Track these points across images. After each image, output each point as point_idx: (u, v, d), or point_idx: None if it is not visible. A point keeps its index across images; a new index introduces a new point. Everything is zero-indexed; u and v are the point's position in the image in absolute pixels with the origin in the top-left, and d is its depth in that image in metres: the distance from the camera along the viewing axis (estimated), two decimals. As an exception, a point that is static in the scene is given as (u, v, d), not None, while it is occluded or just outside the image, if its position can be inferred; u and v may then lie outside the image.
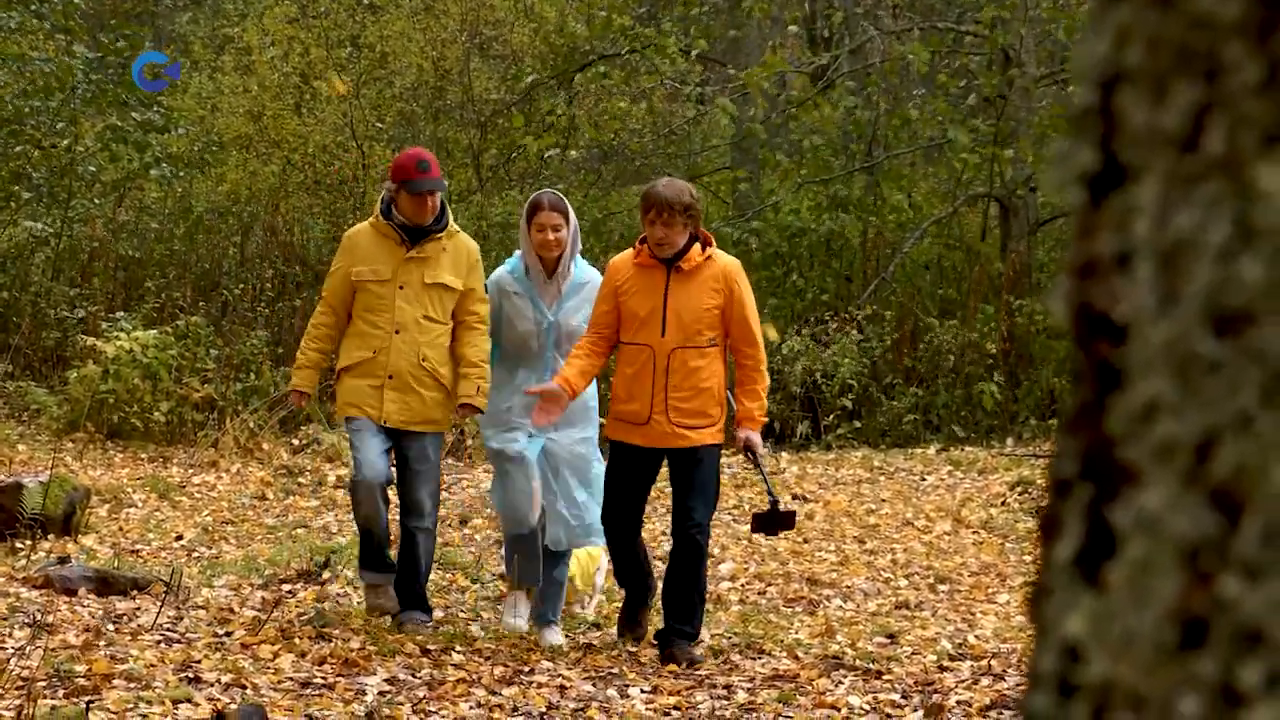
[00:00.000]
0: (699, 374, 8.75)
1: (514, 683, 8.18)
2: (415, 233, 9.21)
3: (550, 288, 9.29)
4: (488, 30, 24.23)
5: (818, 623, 9.86)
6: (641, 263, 8.88)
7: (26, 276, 21.52)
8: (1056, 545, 0.98)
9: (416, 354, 9.12)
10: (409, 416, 9.15)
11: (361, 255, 9.27)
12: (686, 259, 8.77)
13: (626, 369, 8.90)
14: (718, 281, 8.78)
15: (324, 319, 9.40)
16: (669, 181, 9.09)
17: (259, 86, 24.22)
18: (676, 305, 8.74)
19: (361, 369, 9.18)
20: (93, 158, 21.66)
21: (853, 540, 12.56)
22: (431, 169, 9.22)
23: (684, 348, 8.73)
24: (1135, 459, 0.95)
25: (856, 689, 8.30)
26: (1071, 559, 0.97)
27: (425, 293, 9.16)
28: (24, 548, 10.97)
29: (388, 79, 24.12)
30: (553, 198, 9.36)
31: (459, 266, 9.25)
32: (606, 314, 8.91)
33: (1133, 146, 0.95)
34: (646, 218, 8.82)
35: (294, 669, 8.18)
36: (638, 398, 8.79)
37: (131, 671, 7.82)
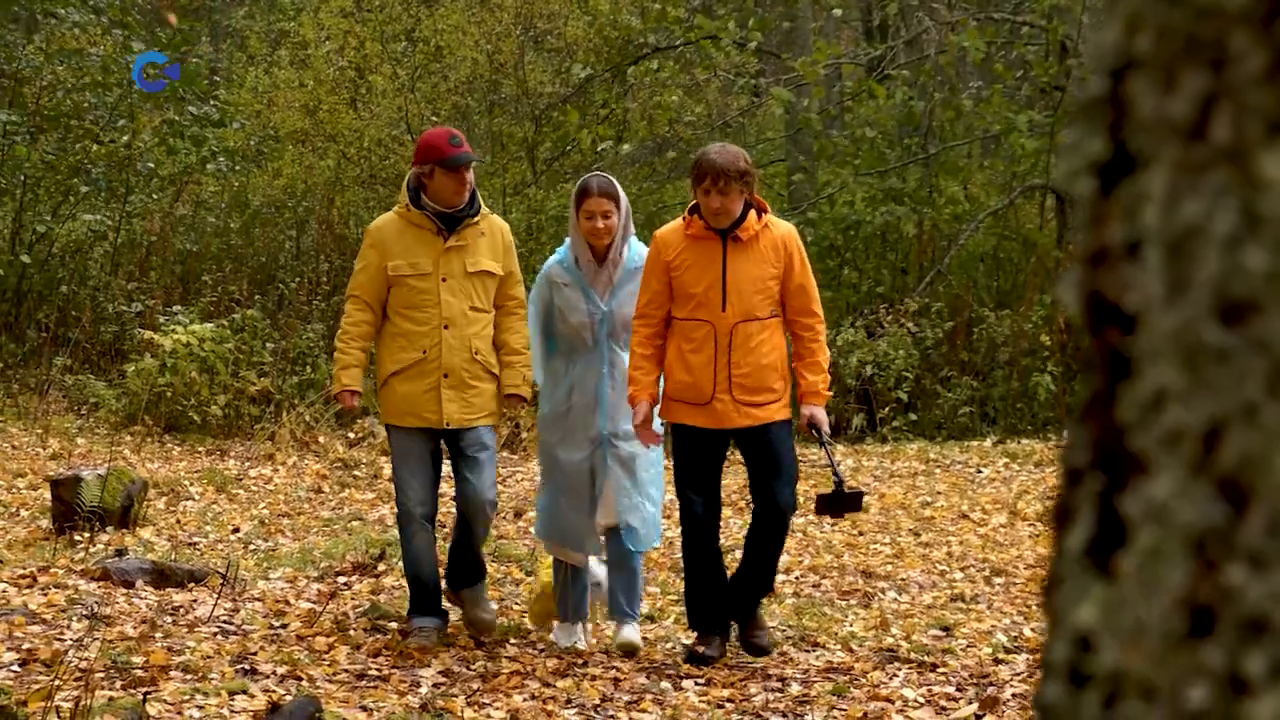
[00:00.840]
0: (761, 348, 8.32)
1: (568, 675, 8.19)
2: (451, 220, 8.67)
3: (602, 276, 8.77)
4: (542, 23, 24.24)
5: (872, 615, 9.83)
6: (694, 234, 8.39)
7: (85, 271, 21.66)
8: (1068, 534, 0.98)
9: (468, 348, 8.62)
10: (471, 413, 8.65)
11: (394, 248, 8.68)
12: (744, 228, 8.33)
13: (683, 345, 8.38)
14: (777, 250, 8.36)
15: (363, 315, 8.76)
16: (721, 147, 8.50)
17: (314, 81, 24.31)
18: (736, 277, 8.30)
19: (413, 371, 8.63)
20: (150, 152, 21.77)
21: (908, 533, 12.53)
22: (463, 143, 8.69)
23: (745, 321, 8.29)
24: (1145, 448, 0.94)
25: (911, 682, 8.28)
26: (1083, 548, 0.97)
27: (469, 282, 8.65)
28: (82, 540, 11.03)
29: (442, 73, 24.15)
30: (601, 181, 8.83)
31: (496, 250, 8.78)
32: (659, 293, 8.43)
33: (1142, 135, 0.95)
34: (700, 187, 8.29)
35: (349, 661, 8.22)
36: (698, 377, 8.32)
37: (188, 663, 7.87)
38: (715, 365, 8.29)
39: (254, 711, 7.16)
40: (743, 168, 8.24)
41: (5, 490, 13.30)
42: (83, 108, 21.95)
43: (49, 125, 21.96)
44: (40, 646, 8.04)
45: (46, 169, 21.53)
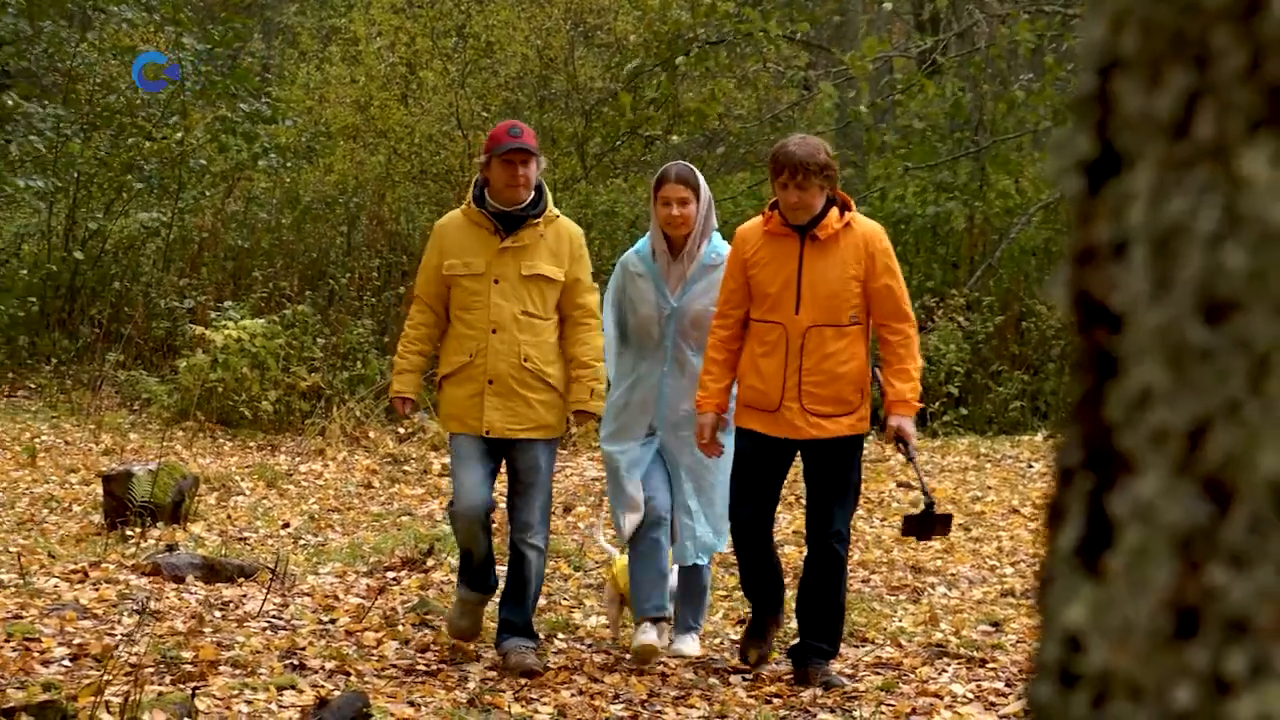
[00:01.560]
0: (837, 356, 7.79)
1: (615, 670, 8.20)
2: (509, 220, 8.24)
3: (675, 270, 8.39)
4: (592, 18, 24.27)
5: (921, 611, 9.81)
6: (772, 230, 7.91)
7: (138, 267, 21.78)
8: (1059, 534, 0.98)
9: (517, 354, 8.17)
10: (515, 424, 8.19)
11: (452, 247, 8.32)
12: (822, 225, 7.79)
13: (756, 348, 7.91)
14: (858, 250, 7.79)
15: (422, 317, 8.45)
16: (801, 139, 8.00)
17: (366, 77, 24.38)
18: (812, 278, 7.77)
19: (460, 375, 8.28)
20: (202, 149, 21.86)
21: (958, 528, 12.48)
22: (524, 134, 8.24)
23: (821, 326, 7.76)
24: (1131, 447, 0.94)
25: (960, 677, 8.26)
26: (1073, 548, 0.96)
27: (523, 286, 8.19)
28: (134, 535, 11.09)
29: (493, 68, 24.20)
30: (680, 169, 8.44)
31: (559, 254, 8.26)
32: (735, 292, 7.97)
33: (1127, 132, 0.95)
34: (778, 180, 7.79)
35: (397, 656, 8.24)
36: (767, 381, 7.85)
37: (237, 658, 7.91)
38: (785, 370, 7.83)
39: (302, 706, 7.19)
40: (823, 160, 7.76)
41: (58, 485, 13.38)
42: (135, 105, 22.06)
43: (102, 122, 22.09)
44: (91, 641, 8.09)
45: (99, 166, 21.66)
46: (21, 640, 8.10)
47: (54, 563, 10.07)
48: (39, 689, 7.17)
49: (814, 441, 7.91)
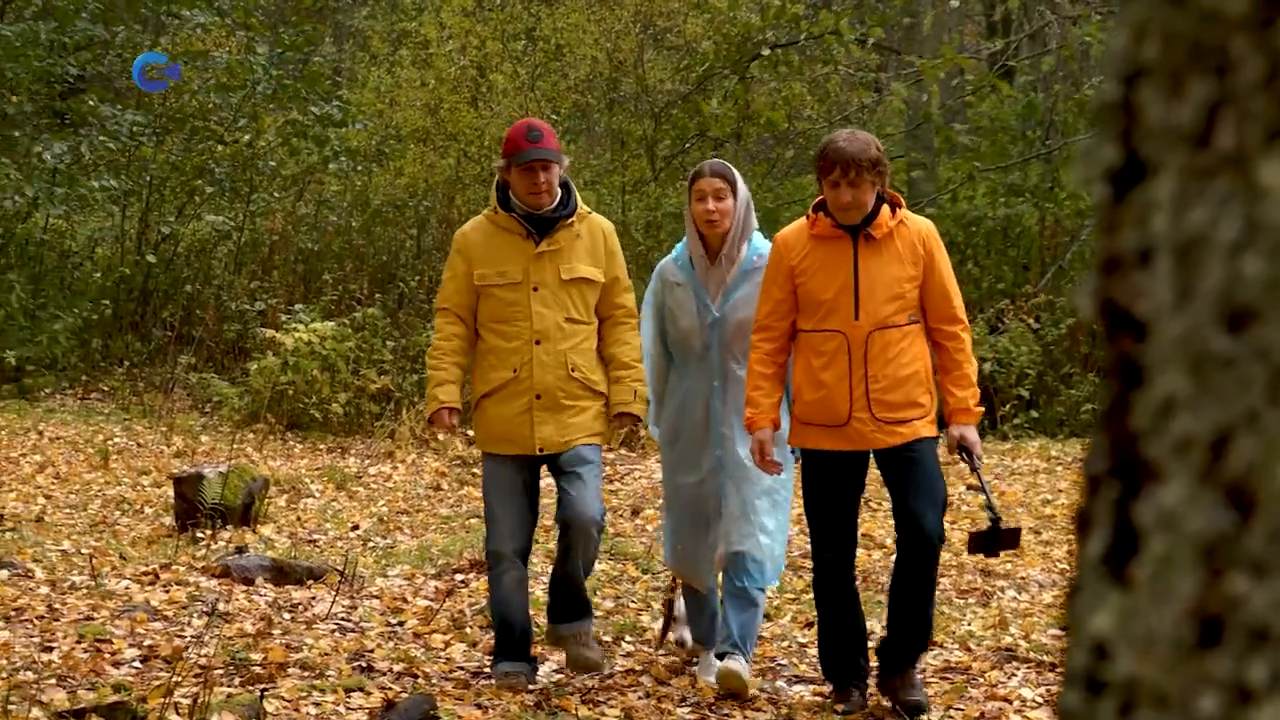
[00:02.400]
0: (901, 357, 7.31)
1: (682, 673, 8.19)
2: (542, 223, 7.73)
3: (715, 274, 7.81)
4: (661, 21, 24.28)
5: (991, 614, 9.76)
6: (820, 234, 7.39)
7: (209, 270, 21.92)
8: (1087, 542, 0.98)
9: (564, 364, 7.70)
10: (568, 436, 7.73)
11: (482, 255, 7.77)
12: (876, 224, 7.32)
13: (812, 360, 7.37)
14: (913, 248, 7.35)
15: (454, 329, 7.87)
16: (851, 134, 7.41)
17: (436, 80, 24.45)
18: (869, 280, 7.29)
19: (504, 392, 7.73)
20: (273, 152, 21.99)
21: (1028, 531, 12.42)
22: (544, 138, 7.65)
23: (882, 329, 7.28)
24: (1156, 455, 0.94)
25: (1029, 681, 8.21)
26: (1100, 556, 0.96)
27: (564, 291, 7.72)
28: (204, 537, 11.16)
29: (563, 71, 24.24)
30: (716, 164, 7.92)
31: (596, 254, 7.82)
32: (781, 303, 7.42)
33: (1151, 142, 0.95)
34: (828, 179, 7.25)
35: (465, 658, 8.26)
36: (832, 395, 7.31)
37: (306, 660, 7.94)
38: (851, 380, 7.29)
39: (370, 708, 7.22)
40: (875, 156, 7.26)
41: (130, 487, 13.47)
42: (207, 109, 22.21)
43: (174, 126, 22.24)
44: (161, 643, 8.14)
45: (172, 170, 21.81)
46: (93, 641, 8.16)
47: (125, 564, 10.14)
48: (109, 690, 7.23)
49: (890, 450, 7.38)
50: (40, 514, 12.24)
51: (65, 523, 11.93)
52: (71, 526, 11.70)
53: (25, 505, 12.62)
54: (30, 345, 19.68)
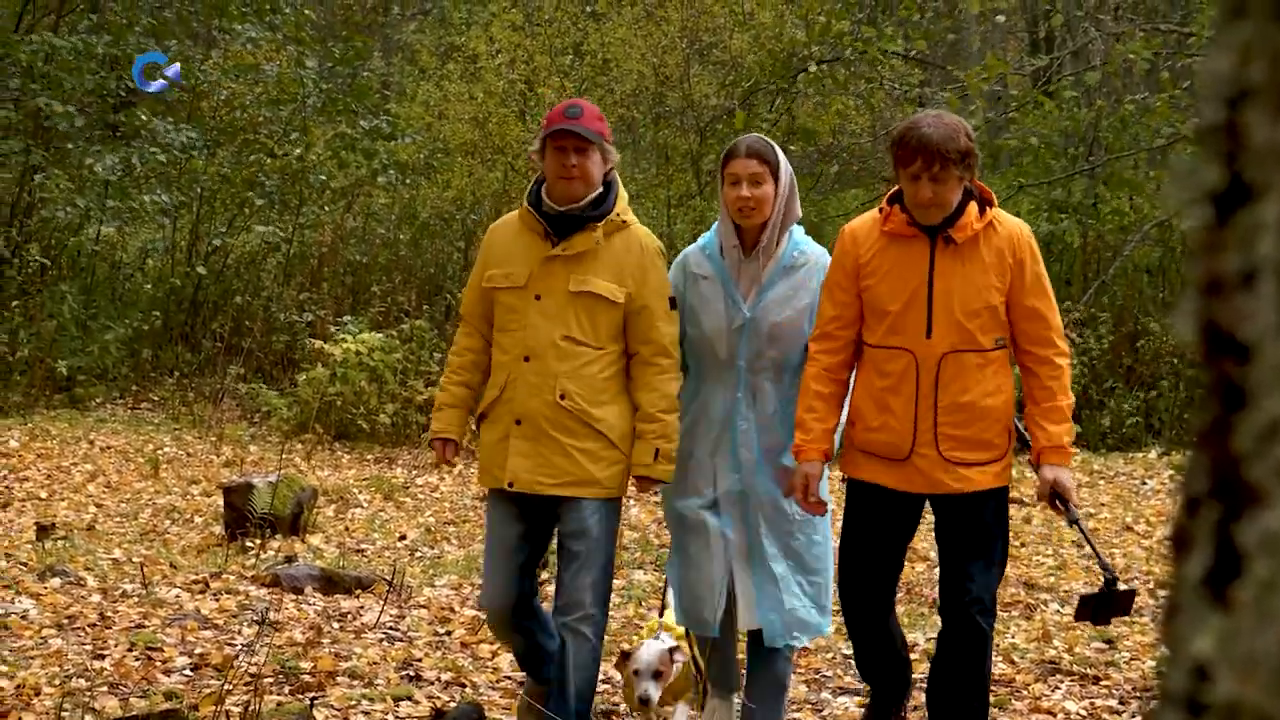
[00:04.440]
0: (980, 388, 6.08)
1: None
2: (565, 223, 6.48)
3: (749, 269, 6.49)
4: (707, 37, 24.28)
5: (1034, 627, 9.72)
6: (894, 231, 6.16)
7: (258, 282, 21.99)
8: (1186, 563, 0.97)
9: (552, 389, 6.41)
10: (547, 475, 6.43)
11: (498, 255, 6.64)
12: (960, 225, 6.06)
13: (876, 382, 6.20)
14: (1002, 256, 6.07)
15: (467, 341, 6.75)
16: (937, 117, 6.07)
17: (484, 94, 24.49)
18: (947, 291, 6.05)
19: (492, 414, 6.58)
20: (322, 165, 22.07)
21: (1071, 545, 12.38)
22: (584, 115, 6.43)
23: (960, 351, 6.06)
24: (1260, 478, 0.93)
25: (1073, 694, 8.19)
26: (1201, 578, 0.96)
27: (569, 304, 6.44)
28: (254, 546, 11.19)
29: (609, 85, 24.26)
30: (754, 141, 6.54)
31: (623, 270, 6.46)
32: (846, 307, 6.23)
33: (1257, 164, 0.94)
34: (907, 170, 6.00)
35: (511, 668, 8.25)
36: (895, 424, 6.14)
37: (354, 669, 7.95)
38: (918, 410, 6.10)
39: (418, 717, 7.24)
40: (965, 146, 6.00)
41: (180, 497, 13.51)
42: (258, 122, 22.30)
43: (225, 139, 22.33)
44: (212, 651, 8.16)
45: (223, 182, 21.90)
46: (144, 649, 8.19)
47: (176, 573, 10.17)
48: (161, 698, 7.25)
49: (952, 497, 6.20)
50: (91, 523, 12.29)
51: (116, 531, 11.97)
52: (122, 535, 11.74)
53: (77, 514, 12.67)
54: (82, 355, 19.77)
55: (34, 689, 7.50)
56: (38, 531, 11.62)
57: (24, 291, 20.25)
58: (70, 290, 20.63)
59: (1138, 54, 19.15)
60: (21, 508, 12.99)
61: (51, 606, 9.13)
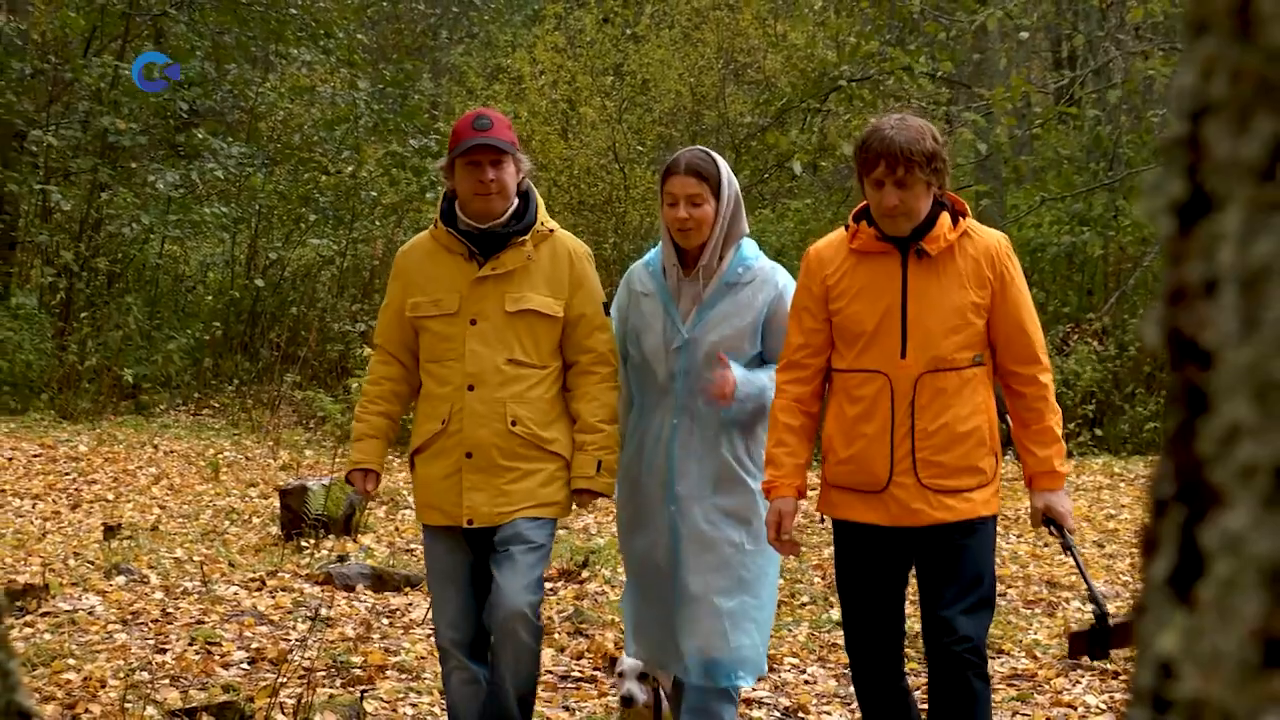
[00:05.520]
0: (960, 408, 5.37)
1: (763, 678, 8.16)
2: (489, 240, 5.82)
3: (689, 289, 5.90)
4: (742, 57, 24.31)
5: (1056, 624, 9.68)
6: (862, 248, 5.43)
7: (313, 293, 22.08)
8: (1153, 564, 0.96)
9: (503, 416, 5.78)
10: (503, 506, 5.80)
11: (418, 280, 5.95)
12: (932, 237, 5.36)
13: (847, 408, 5.45)
14: (979, 268, 5.39)
15: (385, 370, 6.04)
16: (900, 119, 5.33)
17: (528, 113, 24.54)
18: (921, 307, 5.35)
19: (433, 449, 5.89)
20: (374, 182, 22.14)
21: (1092, 545, 12.34)
22: (494, 126, 5.77)
23: (937, 371, 5.34)
24: (1221, 481, 0.92)
25: (1093, 689, 8.15)
26: (1165, 578, 0.95)
27: (508, 326, 5.81)
28: (308, 546, 11.21)
29: (648, 104, 24.29)
30: (694, 156, 5.87)
31: (557, 282, 5.88)
32: (814, 333, 5.52)
33: (1217, 176, 0.93)
34: (870, 176, 5.31)
35: (553, 663, 8.25)
36: (869, 453, 5.39)
37: (403, 663, 7.96)
38: (893, 436, 5.36)
39: (463, 709, 7.23)
40: (930, 148, 5.29)
41: (239, 499, 13.55)
42: (312, 141, 22.38)
43: (282, 158, 22.43)
44: (268, 646, 8.19)
45: (279, 199, 22.00)
46: (204, 644, 8.22)
47: (234, 571, 10.20)
48: (219, 690, 7.28)
49: (935, 529, 5.39)
50: (155, 523, 12.33)
51: (178, 531, 12.01)
52: (184, 535, 11.78)
53: (141, 515, 12.72)
54: (146, 364, 19.86)
55: (100, 681, 7.54)
56: (105, 531, 11.67)
57: (92, 303, 20.37)
58: (135, 302, 20.74)
59: (1158, 72, 19.09)
60: (90, 509, 13.05)
61: (117, 603, 9.17)
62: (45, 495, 13.62)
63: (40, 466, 15.00)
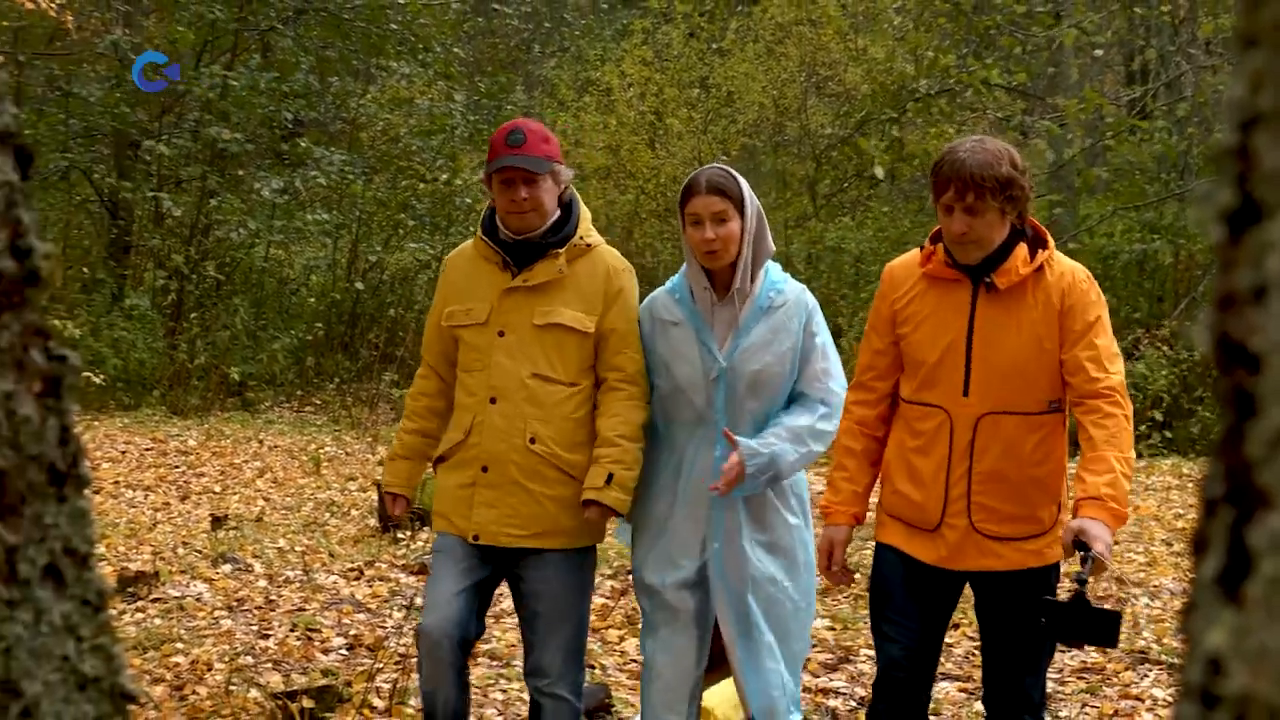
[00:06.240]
0: (1024, 456, 4.83)
1: (838, 669, 8.13)
2: (524, 250, 5.41)
3: (724, 314, 5.41)
4: (823, 71, 24.24)
5: (1125, 619, 9.60)
6: (933, 273, 4.95)
7: (411, 295, 22.16)
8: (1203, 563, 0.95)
9: (521, 432, 5.32)
10: (515, 527, 5.32)
11: (457, 289, 5.55)
12: (1004, 270, 4.82)
13: (907, 439, 5.01)
14: (1052, 304, 4.82)
15: (422, 384, 5.68)
16: (978, 142, 4.83)
17: (617, 123, 24.57)
18: (987, 344, 4.83)
19: (453, 460, 5.45)
20: (469, 190, 22.21)
21: (1160, 543, 12.23)
22: (528, 141, 5.32)
23: (1000, 413, 4.83)
24: (1269, 483, 0.91)
25: (1160, 682, 8.07)
26: (1215, 576, 0.94)
27: (535, 339, 5.37)
28: (404, 538, 11.25)
29: (732, 116, 24.28)
30: (714, 174, 5.35)
31: (591, 297, 5.42)
32: (880, 355, 5.11)
33: (1266, 185, 0.92)
34: (940, 200, 4.83)
35: (637, 652, 8.24)
36: (924, 488, 4.95)
37: (494, 650, 7.98)
38: (949, 476, 4.90)
39: (551, 696, 7.23)
40: (1005, 174, 4.76)
41: (339, 492, 13.62)
42: (410, 151, 22.49)
43: (381, 167, 22.54)
44: (365, 632, 8.22)
45: (379, 205, 22.10)
46: (305, 630, 8.26)
47: (334, 561, 10.25)
48: (319, 674, 7.32)
49: (989, 575, 4.94)
50: (260, 514, 12.42)
51: (281, 523, 12.09)
52: (287, 526, 11.86)
53: (247, 506, 12.82)
54: (252, 363, 20.02)
55: (206, 664, 7.60)
56: (212, 522, 11.77)
57: (201, 304, 20.55)
58: (242, 303, 20.91)
59: (1227, 86, 18.89)
60: (198, 500, 13.16)
61: (223, 590, 9.24)
62: (156, 487, 13.76)
63: (152, 460, 15.15)
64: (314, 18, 22.61)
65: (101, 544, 10.72)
